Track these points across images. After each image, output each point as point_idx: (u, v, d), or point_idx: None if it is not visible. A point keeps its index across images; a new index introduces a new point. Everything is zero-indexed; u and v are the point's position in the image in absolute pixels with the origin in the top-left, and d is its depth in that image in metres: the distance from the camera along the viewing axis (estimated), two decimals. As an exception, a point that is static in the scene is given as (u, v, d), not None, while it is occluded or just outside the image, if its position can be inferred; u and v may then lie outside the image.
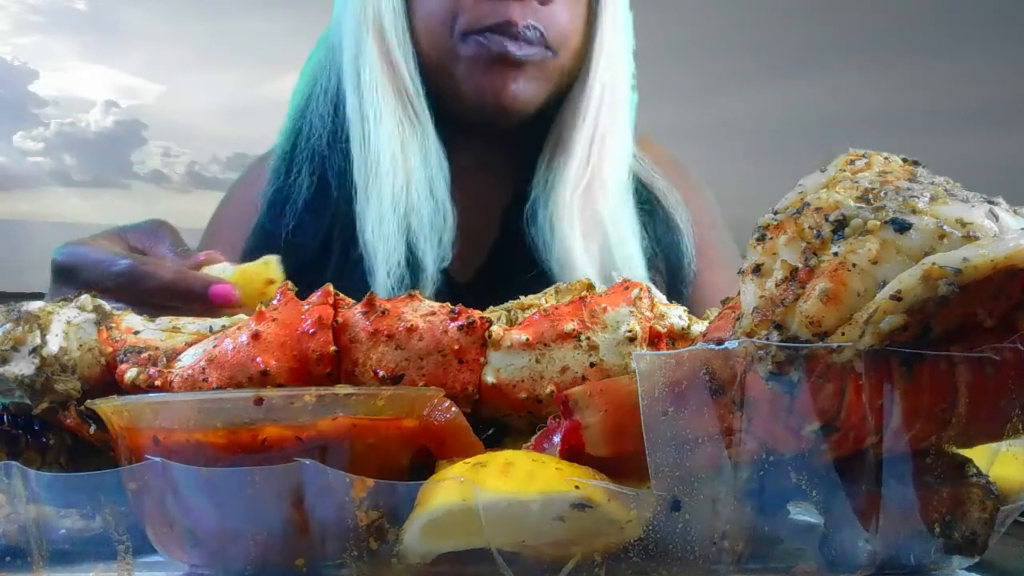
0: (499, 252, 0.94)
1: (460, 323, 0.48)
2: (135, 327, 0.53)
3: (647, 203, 0.98)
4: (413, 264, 0.86)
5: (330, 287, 0.50)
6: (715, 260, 1.01)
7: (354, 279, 0.87)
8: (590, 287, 0.52)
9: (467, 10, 0.86)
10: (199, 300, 0.63)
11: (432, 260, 0.87)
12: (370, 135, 0.89)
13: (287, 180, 0.95)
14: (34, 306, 0.52)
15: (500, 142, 0.96)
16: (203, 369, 0.48)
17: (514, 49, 0.85)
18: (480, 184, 0.96)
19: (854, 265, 0.36)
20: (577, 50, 0.91)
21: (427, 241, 0.87)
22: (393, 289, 0.85)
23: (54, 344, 0.50)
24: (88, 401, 0.45)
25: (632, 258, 0.92)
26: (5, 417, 0.50)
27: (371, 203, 0.87)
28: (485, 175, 0.97)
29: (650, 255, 0.95)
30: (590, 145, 0.92)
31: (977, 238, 0.35)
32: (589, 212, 0.91)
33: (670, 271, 0.97)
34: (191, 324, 0.54)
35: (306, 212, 0.92)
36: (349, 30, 0.92)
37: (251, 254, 0.91)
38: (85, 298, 0.54)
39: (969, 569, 0.41)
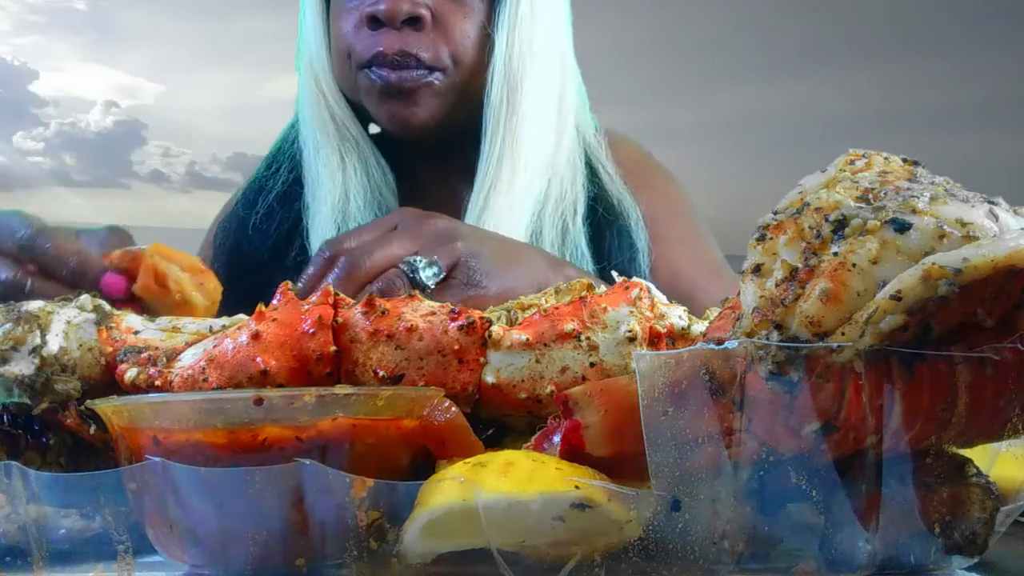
0: None
1: (460, 323, 0.48)
2: (135, 327, 0.53)
3: (598, 219, 0.98)
4: None
5: (330, 287, 0.50)
6: (669, 239, 1.01)
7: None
8: (590, 287, 0.52)
9: (354, 47, 0.92)
10: (91, 284, 0.65)
11: None
12: (311, 156, 0.97)
13: (266, 173, 1.04)
14: (34, 306, 0.52)
15: (459, 157, 0.98)
16: (203, 369, 0.48)
17: (393, 78, 0.89)
18: (454, 196, 0.99)
19: (854, 265, 0.36)
20: (475, 67, 0.93)
21: None
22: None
23: (54, 344, 0.50)
24: (88, 401, 0.45)
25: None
26: (5, 417, 0.50)
27: (313, 215, 0.96)
28: (457, 188, 0.99)
29: (599, 270, 0.96)
30: (487, 168, 0.93)
31: (977, 238, 0.35)
32: None
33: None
34: (191, 324, 0.54)
35: (276, 203, 1.00)
36: (301, 57, 1.00)
37: (221, 236, 1.03)
38: (85, 298, 0.54)
39: (969, 569, 0.41)
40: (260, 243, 0.99)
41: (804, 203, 0.39)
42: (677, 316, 0.50)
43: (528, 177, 0.95)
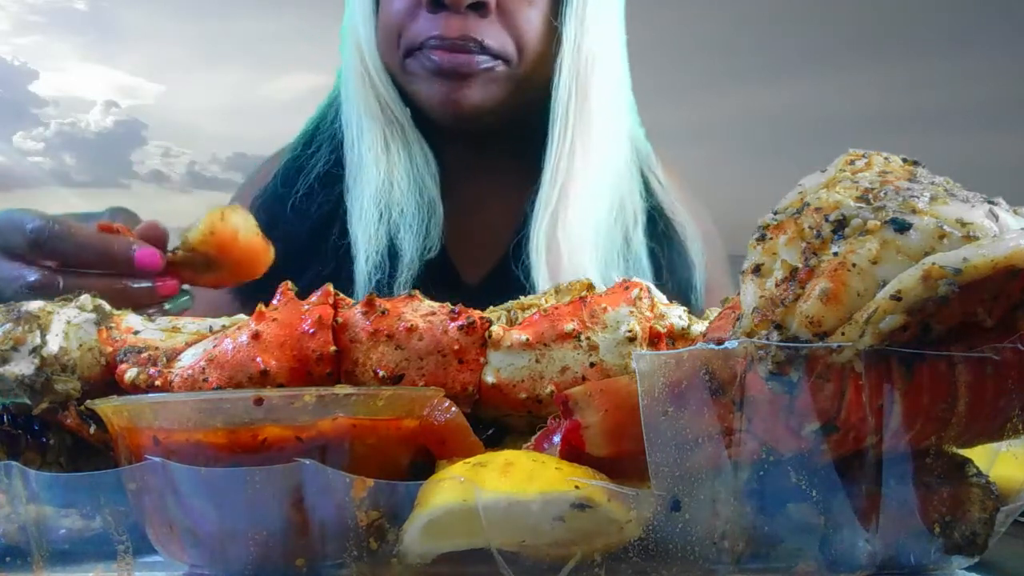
0: (509, 261, 0.94)
1: (460, 323, 0.48)
2: (135, 327, 0.53)
3: (658, 233, 0.97)
4: (393, 253, 0.90)
5: (330, 287, 0.50)
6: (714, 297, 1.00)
7: (346, 260, 0.92)
8: (590, 287, 0.52)
9: (407, 28, 0.89)
10: (122, 264, 0.62)
11: (415, 250, 0.90)
12: (355, 138, 0.94)
13: (305, 151, 0.99)
14: (34, 306, 0.52)
15: (512, 150, 0.97)
16: (203, 369, 0.48)
17: (447, 62, 0.87)
18: (498, 193, 0.97)
19: (854, 265, 0.36)
20: (539, 58, 0.91)
21: (409, 232, 0.90)
22: (371, 274, 0.89)
23: (54, 344, 0.50)
24: (88, 401, 0.45)
25: None
26: (5, 417, 0.50)
27: (355, 198, 0.92)
28: (504, 184, 0.98)
29: (661, 285, 0.95)
30: (558, 162, 0.91)
31: (977, 238, 0.35)
32: (553, 241, 0.90)
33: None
34: (191, 324, 0.54)
35: (317, 183, 0.96)
36: (344, 38, 0.97)
37: (257, 214, 0.96)
38: (85, 298, 0.54)
39: (969, 569, 0.41)
40: (299, 224, 0.95)
41: (804, 203, 0.39)
42: (677, 316, 0.50)
43: (600, 173, 0.93)
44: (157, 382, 0.49)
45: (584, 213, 0.91)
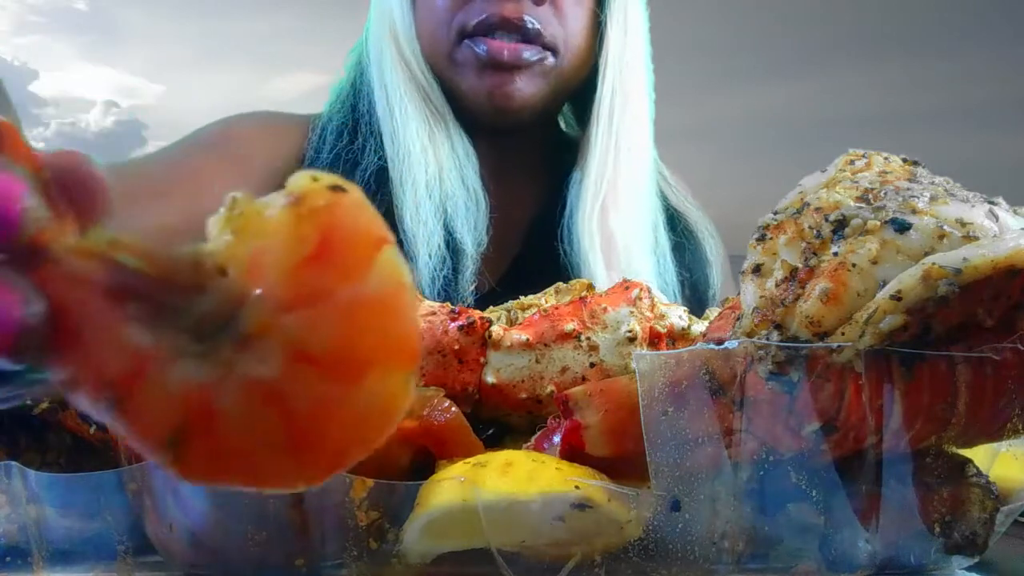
0: (524, 263, 0.94)
1: (460, 323, 0.48)
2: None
3: (678, 231, 0.98)
4: (452, 246, 0.87)
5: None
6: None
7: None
8: (590, 287, 0.52)
9: (456, 16, 0.87)
10: None
11: (471, 242, 0.88)
12: (398, 129, 0.90)
13: (352, 144, 0.94)
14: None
15: (526, 149, 0.97)
16: (203, 369, 0.48)
17: (506, 53, 0.85)
18: (512, 191, 0.97)
19: (854, 265, 0.36)
20: (581, 54, 0.91)
21: (464, 225, 0.88)
22: (435, 271, 0.86)
23: (54, 344, 0.50)
24: (88, 401, 0.45)
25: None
26: (5, 417, 0.50)
27: (407, 192, 0.88)
28: (517, 183, 0.97)
29: (681, 282, 0.96)
30: (605, 156, 0.91)
31: (977, 238, 0.35)
32: (606, 230, 0.91)
33: (696, 301, 0.98)
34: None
35: (374, 182, 0.90)
36: (372, 26, 0.94)
37: None
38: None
39: (969, 569, 0.41)
40: None
41: (804, 203, 0.39)
42: (677, 316, 0.50)
43: (642, 168, 0.93)
44: (157, 382, 0.49)
45: (632, 205, 0.92)
